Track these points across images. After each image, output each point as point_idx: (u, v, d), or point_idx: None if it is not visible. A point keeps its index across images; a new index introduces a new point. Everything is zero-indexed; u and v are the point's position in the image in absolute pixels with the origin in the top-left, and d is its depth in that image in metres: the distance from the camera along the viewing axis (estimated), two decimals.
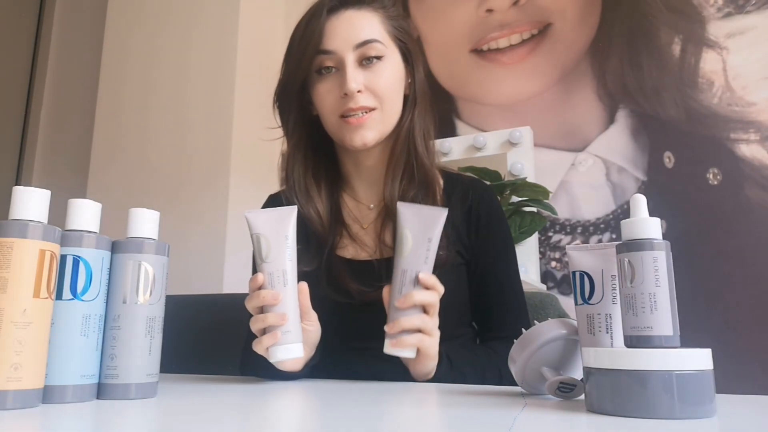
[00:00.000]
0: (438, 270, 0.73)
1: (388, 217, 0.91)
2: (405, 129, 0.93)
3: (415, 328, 0.70)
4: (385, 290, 0.74)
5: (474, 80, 2.06)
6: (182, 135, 1.99)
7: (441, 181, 0.96)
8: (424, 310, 0.71)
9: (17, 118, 2.36)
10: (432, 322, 0.72)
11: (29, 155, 2.34)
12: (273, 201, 1.02)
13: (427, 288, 0.71)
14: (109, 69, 2.16)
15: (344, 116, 0.88)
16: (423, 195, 0.92)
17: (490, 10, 2.07)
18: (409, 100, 0.94)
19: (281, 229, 0.70)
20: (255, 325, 0.70)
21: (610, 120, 1.86)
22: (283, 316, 0.68)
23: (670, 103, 1.78)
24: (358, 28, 0.88)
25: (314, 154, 0.96)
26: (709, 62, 1.76)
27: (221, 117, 1.95)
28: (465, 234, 0.93)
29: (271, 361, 0.69)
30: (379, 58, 0.88)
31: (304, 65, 0.88)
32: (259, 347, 0.70)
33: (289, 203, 0.92)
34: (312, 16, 0.89)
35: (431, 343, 0.72)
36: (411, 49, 0.94)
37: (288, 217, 0.71)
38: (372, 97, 0.87)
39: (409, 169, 0.92)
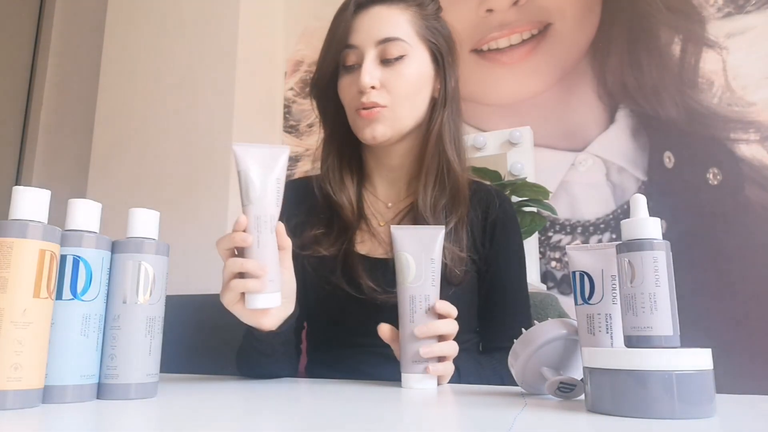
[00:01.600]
0: (455, 287, 0.72)
1: (407, 219, 0.92)
2: (434, 133, 0.92)
3: (447, 355, 0.70)
4: (385, 328, 0.72)
5: (474, 80, 2.06)
6: (182, 135, 1.99)
7: (467, 191, 0.95)
8: (442, 337, 0.70)
9: (17, 118, 2.36)
10: (455, 349, 0.71)
11: (29, 155, 2.34)
12: (294, 186, 1.01)
13: (443, 315, 0.70)
14: (109, 69, 2.16)
15: (358, 109, 0.89)
16: (454, 203, 0.91)
17: (490, 10, 2.07)
18: (438, 103, 0.93)
19: (271, 170, 0.66)
20: (230, 269, 0.64)
21: (610, 120, 1.86)
22: (263, 267, 0.63)
23: (670, 103, 1.78)
24: (382, 25, 0.88)
25: (347, 146, 0.97)
26: (709, 62, 1.76)
27: (221, 117, 1.95)
28: (480, 242, 0.93)
29: (249, 308, 0.65)
30: (401, 56, 0.87)
31: (332, 59, 0.90)
32: (229, 294, 0.65)
33: (321, 190, 0.94)
34: (342, 11, 0.90)
35: (452, 367, 0.72)
36: (443, 51, 0.93)
37: (279, 156, 0.66)
38: (386, 94, 0.87)
39: (440, 177, 0.92)
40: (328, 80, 0.92)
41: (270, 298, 0.65)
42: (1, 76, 2.31)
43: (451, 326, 0.70)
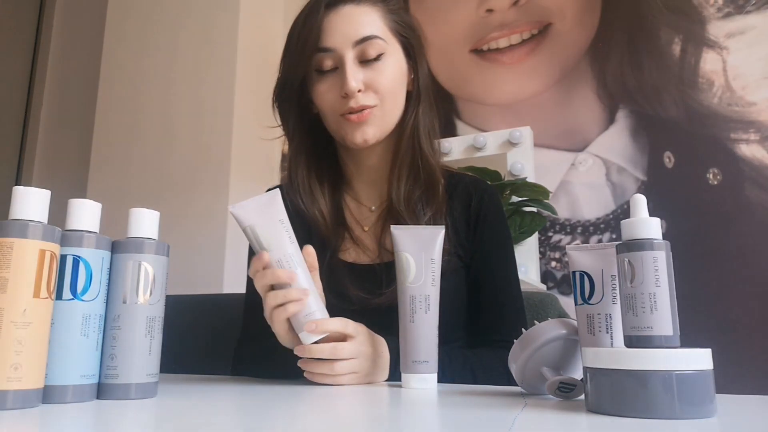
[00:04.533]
0: (442, 278, 0.72)
1: (389, 220, 0.89)
2: (409, 127, 0.90)
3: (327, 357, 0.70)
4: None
5: (474, 80, 2.06)
6: (182, 135, 1.99)
7: (442, 181, 0.94)
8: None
9: (17, 118, 2.36)
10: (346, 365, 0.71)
11: (29, 155, 2.34)
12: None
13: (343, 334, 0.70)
14: (109, 69, 2.16)
15: (344, 114, 0.86)
16: (429, 195, 0.90)
17: (490, 10, 2.07)
18: (412, 97, 0.92)
19: (273, 215, 0.69)
20: (274, 301, 0.66)
21: (610, 120, 1.86)
22: (305, 291, 0.66)
23: (670, 103, 1.78)
24: (357, 24, 0.85)
25: (316, 154, 0.94)
26: (709, 62, 1.76)
27: (221, 117, 1.95)
28: (464, 236, 0.91)
29: (306, 344, 0.67)
30: (379, 55, 0.85)
31: (303, 64, 0.86)
32: (279, 320, 0.67)
33: (292, 204, 0.90)
34: (310, 12, 0.86)
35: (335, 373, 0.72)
36: (414, 44, 0.91)
37: (274, 200, 0.70)
38: (373, 95, 0.85)
39: (414, 169, 0.91)
40: (299, 87, 0.89)
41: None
42: (1, 76, 2.31)
43: (338, 349, 0.69)
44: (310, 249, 0.71)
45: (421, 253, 0.70)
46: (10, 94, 2.35)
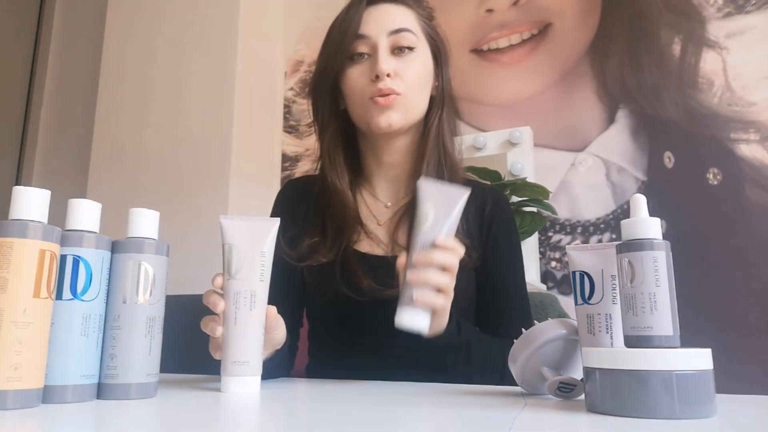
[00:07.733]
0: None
1: (404, 217, 0.92)
2: (434, 127, 0.95)
3: (438, 286, 0.68)
4: (400, 259, 0.71)
5: (474, 80, 2.06)
6: (182, 135, 1.99)
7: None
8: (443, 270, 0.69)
9: (17, 118, 2.36)
10: (452, 282, 0.70)
11: (29, 155, 2.34)
12: (294, 186, 1.04)
13: (446, 249, 0.68)
14: (109, 69, 2.16)
15: (372, 97, 0.89)
16: None
17: (490, 10, 2.06)
18: (436, 100, 0.96)
19: (257, 243, 0.64)
20: (205, 328, 0.66)
21: (610, 120, 1.86)
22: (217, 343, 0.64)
23: (670, 103, 1.78)
24: (393, 17, 0.91)
25: (345, 144, 0.98)
26: (709, 62, 1.76)
27: (221, 117, 1.95)
28: (477, 240, 0.94)
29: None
30: (411, 48, 0.91)
31: (343, 51, 0.91)
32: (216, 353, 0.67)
33: (319, 191, 0.94)
34: (351, 6, 0.93)
35: (448, 303, 0.71)
36: (441, 50, 0.97)
37: (268, 230, 0.65)
38: (401, 82, 0.89)
39: (440, 167, 0.95)
40: (335, 74, 0.93)
41: (244, 382, 0.62)
42: (1, 76, 2.31)
43: (451, 258, 0.68)
44: (271, 311, 0.67)
45: (441, 207, 0.69)
46: (10, 94, 2.35)
